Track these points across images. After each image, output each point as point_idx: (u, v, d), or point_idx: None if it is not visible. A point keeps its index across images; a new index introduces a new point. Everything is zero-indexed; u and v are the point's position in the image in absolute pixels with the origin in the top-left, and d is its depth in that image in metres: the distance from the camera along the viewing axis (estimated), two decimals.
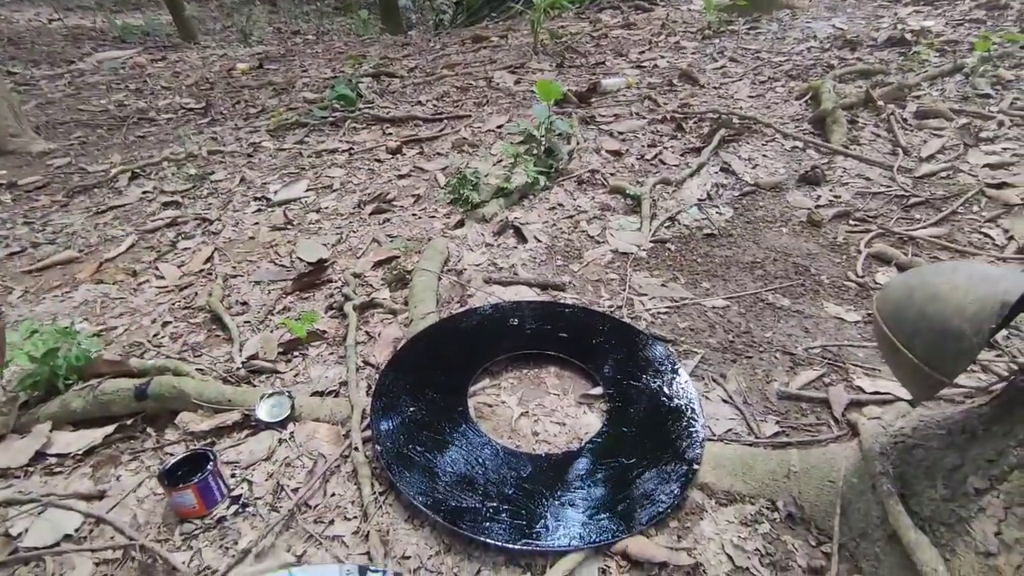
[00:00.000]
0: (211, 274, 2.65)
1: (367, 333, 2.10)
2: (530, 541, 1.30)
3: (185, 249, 2.92)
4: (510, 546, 1.29)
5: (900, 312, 1.11)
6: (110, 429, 1.71)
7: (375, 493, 1.46)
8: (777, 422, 1.65)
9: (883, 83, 4.00)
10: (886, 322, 1.14)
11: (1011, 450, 1.07)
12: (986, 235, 2.45)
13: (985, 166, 2.95)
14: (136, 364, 1.88)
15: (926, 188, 2.84)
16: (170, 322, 2.31)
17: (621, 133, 3.80)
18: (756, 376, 1.82)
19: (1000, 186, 2.75)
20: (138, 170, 3.90)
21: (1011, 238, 2.40)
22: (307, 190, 3.45)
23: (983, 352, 1.69)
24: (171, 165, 3.98)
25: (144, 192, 3.64)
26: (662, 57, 5.40)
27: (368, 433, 1.61)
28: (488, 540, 1.30)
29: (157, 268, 2.76)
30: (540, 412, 1.71)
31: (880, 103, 3.63)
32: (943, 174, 2.93)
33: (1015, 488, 1.04)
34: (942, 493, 1.16)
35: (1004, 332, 1.88)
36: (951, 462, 1.18)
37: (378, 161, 3.78)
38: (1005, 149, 3.07)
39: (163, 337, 2.22)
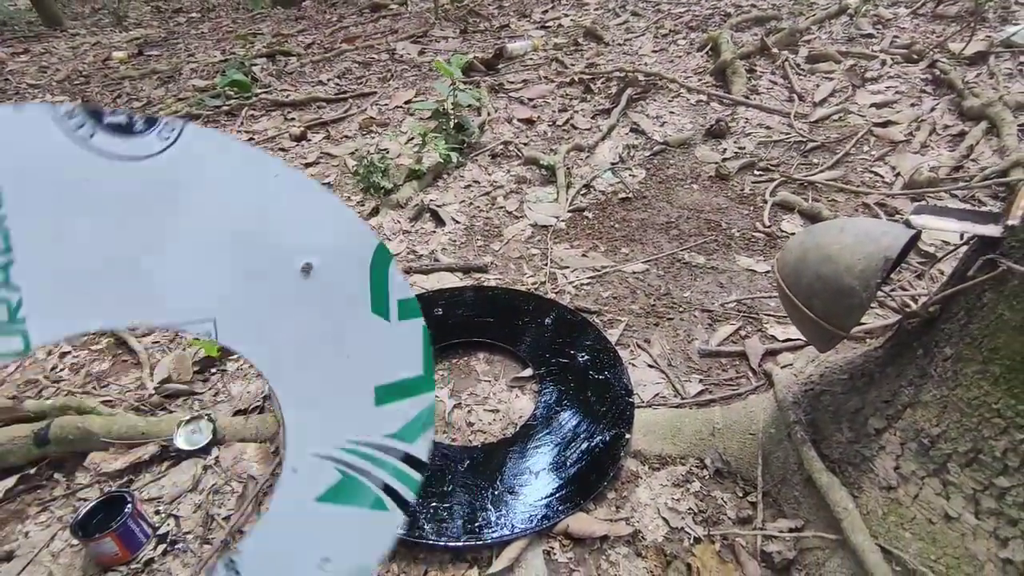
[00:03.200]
0: None
1: None
2: (473, 535, 1.31)
3: None
4: (454, 544, 1.30)
5: (798, 274, 1.16)
6: (11, 482, 1.57)
7: None
8: (700, 380, 1.72)
9: (776, 29, 4.12)
10: (786, 284, 1.20)
11: (903, 390, 1.16)
12: (876, 174, 2.61)
13: (872, 105, 3.12)
14: (32, 406, 1.73)
15: (821, 132, 2.98)
16: (68, 351, 2.13)
17: (531, 99, 3.76)
18: (678, 337, 1.88)
19: (885, 124, 2.92)
20: None
21: (898, 175, 2.56)
22: None
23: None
24: None
25: None
26: (566, 15, 5.34)
27: None
28: (431, 541, 1.30)
29: None
30: (473, 402, 1.70)
31: (775, 50, 3.75)
32: (835, 117, 3.08)
33: (908, 425, 1.13)
34: (847, 436, 1.25)
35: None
36: (853, 405, 1.27)
37: (282, 150, 3.58)
38: (888, 87, 3.26)
39: (62, 370, 2.05)
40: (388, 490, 0.88)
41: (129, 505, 1.37)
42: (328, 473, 0.83)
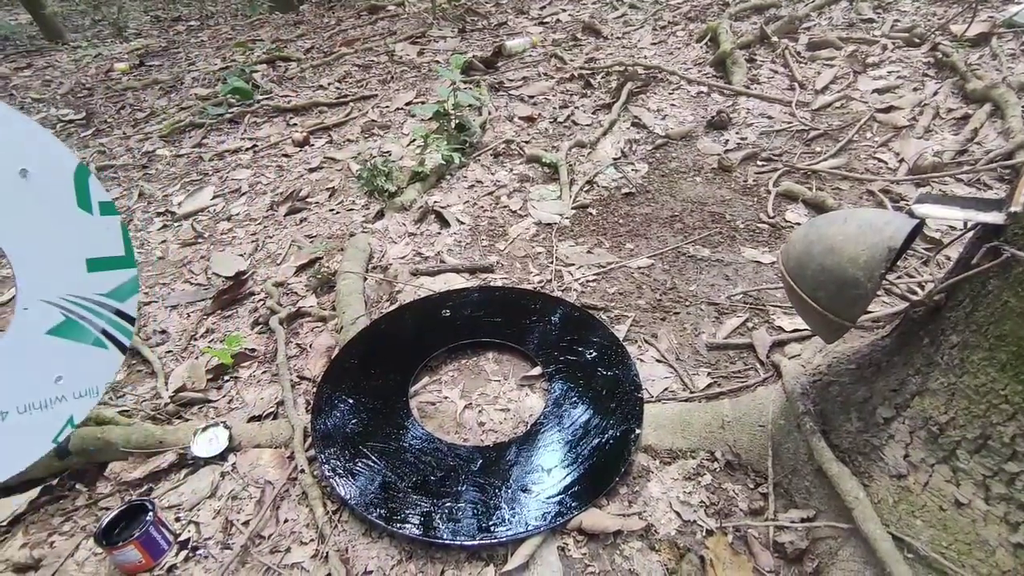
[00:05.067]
0: None
1: (298, 345, 2.04)
2: (488, 534, 1.32)
3: None
4: (469, 543, 1.31)
5: (802, 266, 1.17)
6: (34, 493, 1.60)
7: (328, 512, 1.45)
8: (709, 373, 1.73)
9: (776, 17, 4.10)
10: (791, 276, 1.20)
11: (910, 379, 1.16)
12: (880, 160, 2.60)
13: (874, 91, 3.10)
14: None
15: (823, 120, 2.97)
16: None
17: (532, 97, 3.76)
18: (685, 331, 1.89)
19: (888, 110, 2.91)
20: None
21: (902, 161, 2.55)
22: (214, 197, 3.26)
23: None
24: None
25: None
26: (563, 10, 5.34)
27: (313, 452, 1.58)
28: (446, 541, 1.32)
29: None
30: (483, 402, 1.72)
31: (775, 39, 3.73)
32: (837, 104, 3.07)
33: (916, 413, 1.14)
34: (856, 425, 1.26)
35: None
36: (862, 395, 1.27)
37: (286, 156, 3.61)
38: (890, 72, 3.24)
39: None
40: (106, 334, 1.28)
41: (150, 513, 1.40)
42: (54, 315, 1.23)
